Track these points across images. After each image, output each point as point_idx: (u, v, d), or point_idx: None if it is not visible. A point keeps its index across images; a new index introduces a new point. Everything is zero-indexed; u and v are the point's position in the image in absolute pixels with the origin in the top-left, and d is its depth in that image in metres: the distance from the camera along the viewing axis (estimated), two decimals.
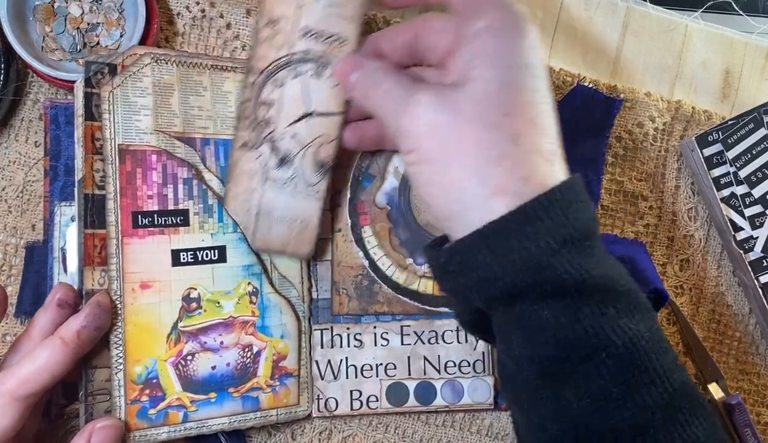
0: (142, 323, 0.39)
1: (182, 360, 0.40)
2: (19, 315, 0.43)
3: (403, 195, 0.45)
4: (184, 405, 0.40)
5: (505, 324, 0.30)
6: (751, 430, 0.45)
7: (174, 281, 0.40)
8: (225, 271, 0.41)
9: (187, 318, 0.40)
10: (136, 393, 0.39)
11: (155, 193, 0.40)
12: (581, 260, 0.28)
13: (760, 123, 0.45)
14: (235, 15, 0.46)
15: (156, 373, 0.39)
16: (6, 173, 0.44)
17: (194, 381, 0.40)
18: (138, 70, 0.40)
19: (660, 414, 0.28)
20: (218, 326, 0.41)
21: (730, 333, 0.48)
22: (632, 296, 0.29)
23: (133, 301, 0.39)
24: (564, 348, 0.28)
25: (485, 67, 0.31)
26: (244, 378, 0.41)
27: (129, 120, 0.39)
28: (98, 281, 0.38)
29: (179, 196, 0.40)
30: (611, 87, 0.47)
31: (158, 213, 0.40)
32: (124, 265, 0.39)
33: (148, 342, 0.39)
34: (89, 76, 0.39)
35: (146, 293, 0.39)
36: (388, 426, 0.45)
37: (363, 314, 0.44)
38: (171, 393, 0.40)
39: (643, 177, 0.48)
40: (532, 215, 0.28)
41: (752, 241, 0.45)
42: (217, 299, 0.41)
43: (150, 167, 0.40)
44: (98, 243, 0.38)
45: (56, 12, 0.43)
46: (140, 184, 0.40)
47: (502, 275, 0.28)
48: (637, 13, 0.49)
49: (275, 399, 0.42)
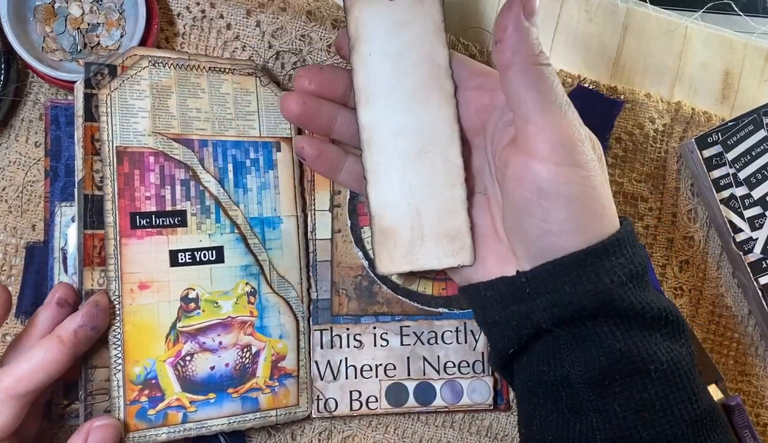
0: (141, 323, 0.39)
1: (181, 360, 0.40)
2: (19, 315, 0.43)
3: None
4: (184, 405, 0.40)
5: (560, 345, 0.33)
6: (750, 432, 0.45)
7: (172, 281, 0.40)
8: (223, 271, 0.41)
9: (186, 319, 0.40)
10: (135, 394, 0.39)
11: (153, 194, 0.40)
12: (643, 293, 0.32)
13: (759, 124, 0.45)
14: (235, 15, 0.46)
15: (155, 373, 0.39)
16: (6, 173, 0.44)
17: (193, 382, 0.40)
18: (136, 73, 0.40)
19: (689, 429, 0.31)
20: (217, 327, 0.41)
21: (729, 335, 0.48)
22: (678, 323, 0.33)
23: (131, 301, 0.39)
24: (618, 359, 0.31)
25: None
26: (243, 379, 0.41)
27: (127, 122, 0.40)
28: (98, 282, 0.38)
29: (177, 197, 0.41)
30: (611, 88, 0.47)
31: (156, 214, 0.40)
32: (123, 265, 0.39)
33: (147, 343, 0.39)
34: (89, 77, 0.39)
35: (145, 293, 0.39)
36: (387, 426, 0.45)
37: (362, 314, 0.44)
38: (170, 394, 0.39)
39: (643, 178, 0.48)
40: (608, 251, 0.32)
41: (752, 242, 0.45)
42: (215, 300, 0.41)
43: (148, 168, 0.40)
44: (98, 244, 0.38)
45: (57, 12, 0.43)
46: (138, 185, 0.40)
47: (576, 301, 0.31)
48: (637, 14, 0.49)
49: (274, 399, 0.42)
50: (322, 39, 0.46)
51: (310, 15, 0.46)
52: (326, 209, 0.45)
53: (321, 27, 0.46)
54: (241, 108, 0.43)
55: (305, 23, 0.46)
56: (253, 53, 0.46)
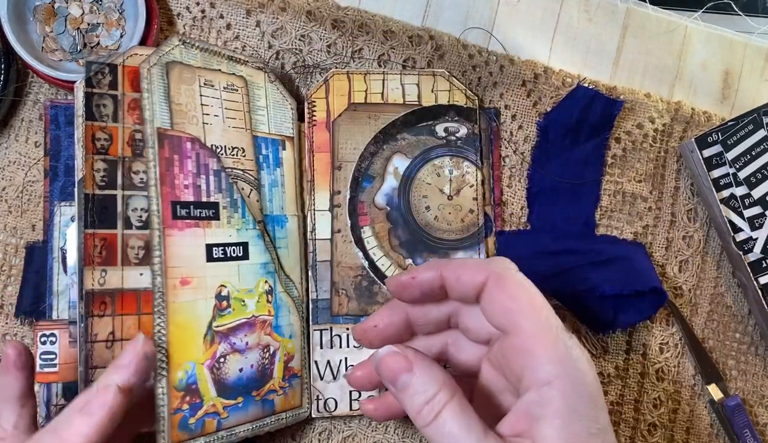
0: (183, 323, 0.36)
1: (216, 362, 0.37)
2: (19, 315, 0.43)
3: (403, 196, 0.45)
4: (218, 411, 0.37)
5: None
6: (750, 431, 0.45)
7: (208, 277, 0.37)
8: (247, 268, 0.39)
9: (219, 317, 0.37)
10: (178, 401, 0.35)
11: (191, 183, 0.37)
12: None
13: (759, 124, 0.45)
14: (235, 15, 0.46)
15: (195, 378, 0.36)
16: (6, 173, 0.44)
17: (226, 385, 0.37)
18: (170, 50, 0.37)
19: None
20: (244, 326, 0.39)
21: (729, 334, 0.48)
22: None
23: (174, 299, 0.35)
24: None
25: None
26: (264, 380, 0.39)
27: (165, 102, 0.36)
28: (98, 281, 0.38)
29: (211, 188, 0.38)
30: (611, 88, 0.47)
31: (194, 205, 0.37)
32: (167, 259, 0.35)
33: (188, 344, 0.36)
34: (90, 77, 0.39)
35: (185, 290, 0.36)
36: (387, 426, 0.45)
37: (362, 314, 0.44)
38: (207, 399, 0.36)
39: (643, 178, 0.48)
40: None
41: (751, 242, 0.45)
42: (242, 298, 0.39)
43: (185, 154, 0.37)
44: (98, 243, 0.38)
45: (56, 12, 0.43)
46: (177, 172, 0.36)
47: None
48: (637, 13, 0.49)
49: (285, 401, 0.41)
50: (322, 39, 0.46)
51: (310, 15, 0.46)
52: (326, 209, 0.45)
53: (321, 27, 0.46)
54: (254, 102, 0.42)
55: (305, 23, 0.46)
56: (252, 53, 0.46)
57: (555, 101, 0.47)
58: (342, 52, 0.46)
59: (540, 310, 0.32)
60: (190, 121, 0.38)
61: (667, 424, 0.47)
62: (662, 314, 0.47)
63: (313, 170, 0.45)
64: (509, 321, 0.32)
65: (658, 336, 0.47)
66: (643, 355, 0.47)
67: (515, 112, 0.47)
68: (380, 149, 0.46)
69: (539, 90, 0.47)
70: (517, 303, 0.32)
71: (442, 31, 0.47)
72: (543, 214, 0.47)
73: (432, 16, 0.48)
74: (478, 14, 0.48)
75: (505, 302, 0.33)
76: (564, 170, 0.47)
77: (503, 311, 0.33)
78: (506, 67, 0.47)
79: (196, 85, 0.38)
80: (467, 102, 0.46)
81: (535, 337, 0.31)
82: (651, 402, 0.47)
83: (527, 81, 0.47)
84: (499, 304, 0.33)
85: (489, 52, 0.47)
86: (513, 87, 0.47)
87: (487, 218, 0.46)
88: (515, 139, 0.47)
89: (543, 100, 0.47)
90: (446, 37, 0.46)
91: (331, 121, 0.45)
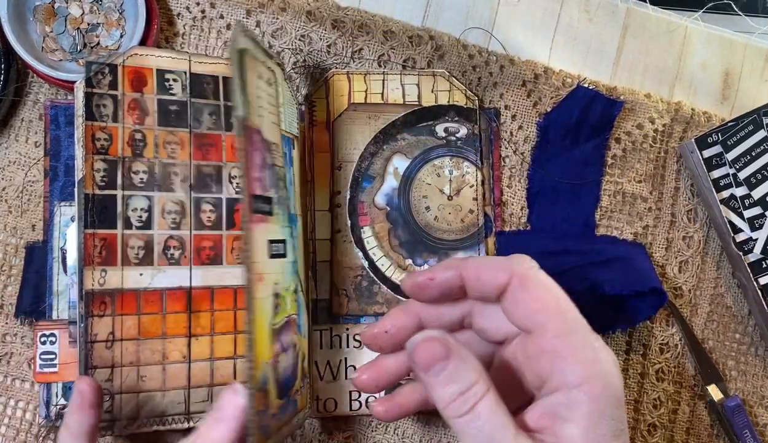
0: (260, 321, 0.34)
1: (275, 362, 0.35)
2: (19, 315, 0.43)
3: (403, 196, 0.45)
4: (276, 412, 0.35)
5: None
6: (750, 432, 0.45)
7: (270, 274, 0.35)
8: (287, 266, 0.38)
9: (275, 316, 0.36)
10: (257, 402, 0.32)
11: (258, 176, 0.35)
12: None
13: (759, 125, 0.45)
14: (235, 16, 0.46)
15: (266, 379, 0.34)
16: (6, 173, 0.44)
17: (280, 386, 0.36)
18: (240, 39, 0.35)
19: None
20: (287, 325, 0.38)
21: (729, 335, 0.48)
22: None
23: (256, 295, 0.33)
24: None
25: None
26: (295, 380, 0.38)
27: (241, 90, 0.34)
28: (98, 281, 0.38)
29: (268, 182, 0.36)
30: (611, 88, 0.47)
31: (261, 199, 0.35)
32: (252, 254, 0.33)
33: (262, 343, 0.34)
34: (90, 77, 0.39)
35: (260, 287, 0.34)
36: (387, 426, 0.45)
37: (362, 314, 0.44)
38: (272, 403, 0.34)
39: (643, 179, 0.48)
40: None
41: (751, 242, 0.45)
42: (285, 296, 0.38)
43: (255, 146, 0.35)
44: (98, 243, 0.38)
45: (56, 12, 0.43)
46: (252, 164, 0.34)
47: None
48: (637, 14, 0.49)
49: (301, 400, 0.40)
50: (322, 39, 0.46)
51: (310, 15, 0.46)
52: (326, 209, 0.45)
53: (321, 27, 0.46)
54: (279, 98, 0.41)
55: (305, 23, 0.46)
56: None
57: (555, 102, 0.47)
58: (342, 53, 0.46)
59: (566, 311, 0.32)
60: (255, 112, 0.36)
61: (666, 425, 0.47)
62: (662, 314, 0.47)
63: (313, 170, 0.45)
64: (535, 323, 0.32)
65: (658, 336, 0.47)
66: (642, 355, 0.47)
67: (515, 112, 0.47)
68: (380, 149, 0.46)
69: (539, 90, 0.47)
70: (542, 304, 0.32)
71: (442, 32, 0.47)
72: (543, 214, 0.47)
73: (432, 16, 0.48)
74: (478, 14, 0.48)
75: (530, 304, 0.32)
76: (564, 170, 0.47)
77: (529, 312, 0.32)
78: (506, 68, 0.47)
79: (256, 75, 0.37)
80: (467, 102, 0.46)
81: (563, 339, 0.31)
82: (651, 402, 0.47)
83: (527, 81, 0.47)
84: (524, 305, 0.32)
85: (489, 52, 0.47)
86: (513, 87, 0.47)
87: (487, 219, 0.46)
88: (515, 139, 0.47)
89: (543, 100, 0.47)
90: (446, 38, 0.46)
91: (331, 121, 0.45)
